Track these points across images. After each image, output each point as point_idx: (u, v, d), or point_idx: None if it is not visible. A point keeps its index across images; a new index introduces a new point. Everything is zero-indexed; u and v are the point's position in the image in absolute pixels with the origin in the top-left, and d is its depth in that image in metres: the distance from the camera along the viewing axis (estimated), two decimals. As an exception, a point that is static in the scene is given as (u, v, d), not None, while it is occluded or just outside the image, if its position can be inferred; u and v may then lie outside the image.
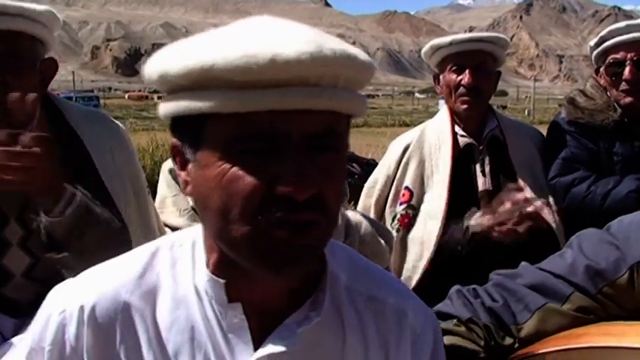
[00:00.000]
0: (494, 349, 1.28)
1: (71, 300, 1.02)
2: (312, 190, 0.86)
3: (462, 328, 1.29)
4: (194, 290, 1.01)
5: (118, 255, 1.10)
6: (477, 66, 2.57)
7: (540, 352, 1.23)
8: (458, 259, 2.50)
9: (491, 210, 2.46)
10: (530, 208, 2.40)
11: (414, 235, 2.65)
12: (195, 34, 0.92)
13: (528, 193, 2.55)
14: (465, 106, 2.60)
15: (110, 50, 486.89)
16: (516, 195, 2.44)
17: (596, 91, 2.73)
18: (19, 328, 1.83)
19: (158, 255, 1.06)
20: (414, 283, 2.60)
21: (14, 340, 1.73)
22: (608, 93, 2.71)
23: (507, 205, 2.42)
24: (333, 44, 0.87)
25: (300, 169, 0.85)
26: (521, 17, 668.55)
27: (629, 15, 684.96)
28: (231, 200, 0.87)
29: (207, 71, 0.83)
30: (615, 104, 2.68)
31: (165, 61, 0.89)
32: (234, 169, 0.87)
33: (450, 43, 2.59)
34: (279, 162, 0.86)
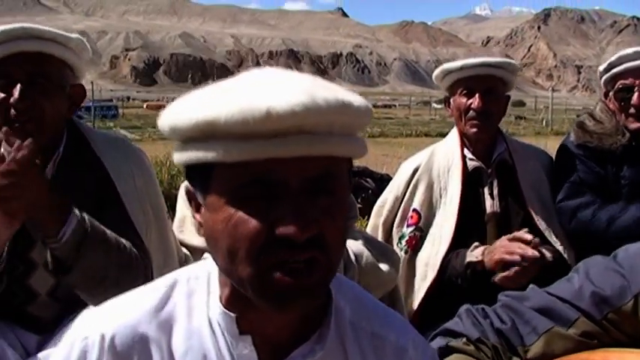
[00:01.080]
0: None
1: (93, 328, 1.09)
2: (312, 231, 0.92)
3: (471, 347, 1.33)
4: (208, 322, 1.07)
5: (139, 280, 1.14)
6: (487, 90, 2.62)
7: None
8: (459, 290, 2.52)
9: (493, 251, 2.46)
10: (530, 253, 2.37)
11: (421, 256, 2.69)
12: (202, 91, 0.99)
13: (539, 223, 2.59)
14: (474, 130, 2.65)
15: (129, 60, 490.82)
16: (530, 251, 2.38)
17: (605, 115, 2.78)
18: (42, 345, 1.95)
19: (176, 287, 1.12)
20: (417, 303, 2.65)
21: (39, 356, 1.86)
22: (617, 117, 2.75)
23: (511, 250, 2.39)
24: (326, 93, 0.92)
25: (298, 212, 0.92)
26: (539, 27, 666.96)
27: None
28: (237, 242, 0.94)
29: (210, 125, 0.91)
30: (624, 129, 2.72)
31: (176, 115, 0.97)
32: (239, 213, 0.94)
33: (461, 68, 2.65)
34: (279, 206, 0.92)
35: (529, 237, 2.41)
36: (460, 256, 2.57)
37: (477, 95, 2.62)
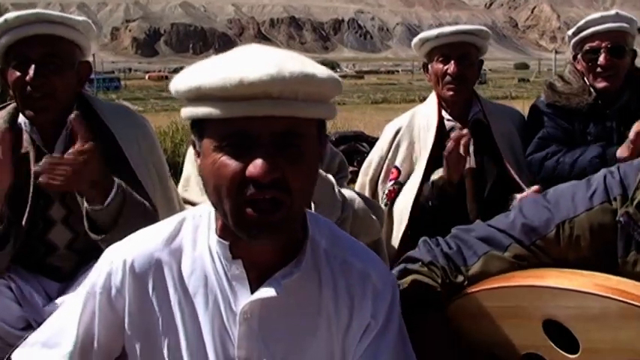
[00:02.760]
0: (449, 285, 1.56)
1: (117, 256, 1.38)
2: (275, 174, 1.16)
3: (425, 269, 1.58)
4: (208, 250, 1.36)
5: None
6: (461, 56, 2.87)
7: (480, 288, 1.52)
8: (430, 216, 2.77)
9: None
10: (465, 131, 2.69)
11: (397, 205, 2.95)
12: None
13: (514, 176, 2.86)
14: (450, 93, 2.90)
15: (129, 31, 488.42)
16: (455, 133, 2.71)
17: (573, 77, 3.02)
18: (63, 291, 2.24)
19: (184, 222, 1.41)
20: (396, 245, 2.90)
21: (58, 300, 2.16)
22: (584, 78, 2.97)
23: (448, 145, 2.70)
24: (294, 66, 1.16)
25: (265, 158, 1.15)
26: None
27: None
28: (220, 181, 1.19)
29: (198, 89, 1.17)
30: (590, 89, 2.94)
31: (177, 82, 1.23)
32: (222, 158, 1.19)
33: (437, 36, 2.89)
34: (251, 153, 1.17)
35: (463, 131, 2.72)
36: (427, 184, 2.83)
37: (452, 61, 2.86)
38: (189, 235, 1.38)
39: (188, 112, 1.23)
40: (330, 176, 2.33)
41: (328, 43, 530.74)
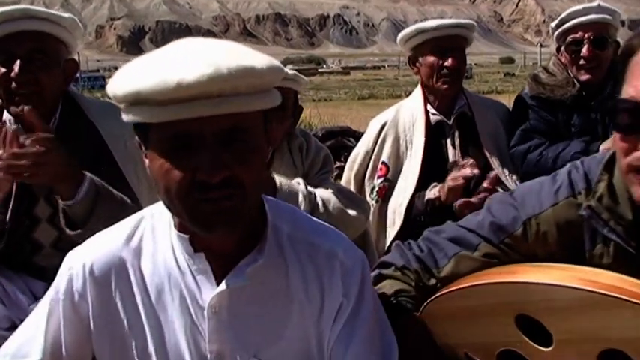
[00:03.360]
0: (422, 288, 1.57)
1: (77, 260, 1.37)
2: (223, 174, 1.15)
3: (398, 273, 1.60)
4: (170, 245, 1.34)
5: None
6: (457, 49, 2.86)
7: (451, 289, 1.52)
8: (422, 227, 2.74)
9: (444, 185, 2.73)
10: (469, 171, 2.65)
11: (390, 205, 2.94)
12: (141, 58, 1.22)
13: (497, 169, 2.83)
14: (445, 86, 2.88)
15: (114, 29, 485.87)
16: (466, 170, 2.67)
17: (557, 68, 3.03)
18: (48, 290, 2.18)
19: (142, 221, 1.40)
20: (387, 245, 2.90)
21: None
22: (568, 70, 2.99)
23: (453, 174, 2.69)
24: (231, 62, 1.12)
25: (212, 159, 1.14)
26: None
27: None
28: (168, 185, 1.18)
29: (136, 94, 1.13)
30: (574, 80, 2.96)
31: (114, 86, 1.20)
32: (167, 163, 1.17)
33: (436, 28, 2.84)
34: (197, 155, 1.15)
35: (468, 160, 2.70)
36: (421, 197, 2.82)
37: (450, 55, 2.83)
38: (148, 233, 1.37)
39: (130, 117, 1.19)
40: (298, 182, 2.33)
41: (314, 39, 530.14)
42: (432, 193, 2.79)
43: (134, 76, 1.15)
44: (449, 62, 2.83)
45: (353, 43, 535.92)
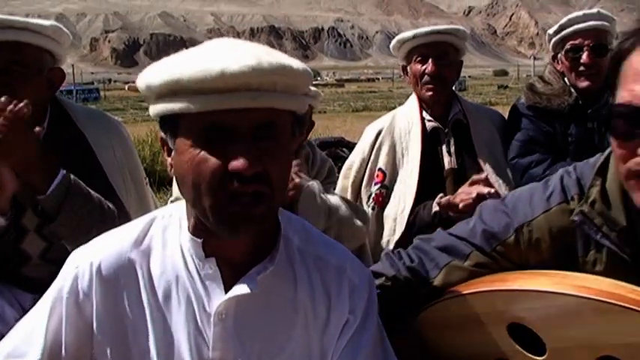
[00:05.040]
0: (413, 298, 1.56)
1: (83, 259, 1.33)
2: (257, 167, 1.15)
3: (389, 283, 1.57)
4: (179, 249, 1.32)
5: None
6: (439, 56, 2.84)
7: (442, 299, 1.51)
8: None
9: (454, 197, 2.63)
10: (485, 190, 2.55)
11: (388, 212, 2.91)
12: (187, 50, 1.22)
13: (491, 177, 2.78)
14: (429, 93, 2.88)
15: (109, 42, 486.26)
16: (482, 188, 2.55)
17: (553, 77, 3.02)
18: (36, 302, 2.09)
19: (154, 223, 1.37)
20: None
21: None
22: (564, 79, 2.97)
23: (470, 193, 2.57)
24: (271, 58, 1.15)
25: (247, 151, 1.14)
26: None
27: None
28: (199, 177, 1.17)
29: (176, 82, 1.14)
30: (571, 89, 2.94)
31: (149, 76, 1.19)
32: (201, 153, 1.16)
33: (414, 36, 2.87)
34: (232, 147, 1.14)
35: (482, 176, 2.60)
36: (427, 208, 2.77)
37: (430, 61, 2.83)
38: (158, 235, 1.35)
39: (161, 108, 1.19)
40: (314, 184, 2.32)
41: (308, 52, 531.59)
42: (437, 206, 2.73)
43: (173, 66, 1.16)
44: (429, 68, 2.84)
45: (347, 56, 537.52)
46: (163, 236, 1.34)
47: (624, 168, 1.28)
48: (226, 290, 1.28)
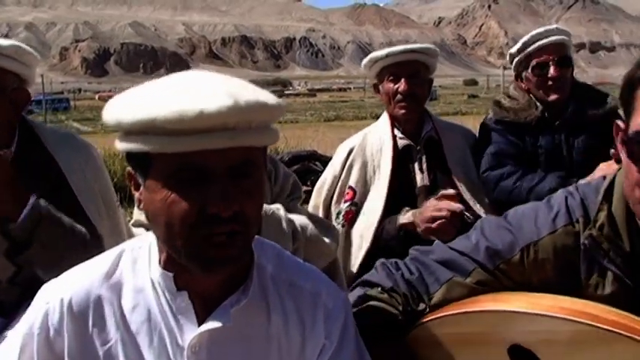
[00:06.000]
0: (409, 313, 1.52)
1: (53, 294, 1.31)
2: (235, 208, 1.14)
3: (385, 295, 1.54)
4: (150, 282, 1.30)
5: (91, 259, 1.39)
6: (412, 74, 2.86)
7: (441, 315, 1.48)
8: (392, 252, 2.67)
9: (422, 211, 2.69)
10: (455, 206, 2.59)
11: (356, 228, 2.91)
12: (138, 88, 1.20)
13: (465, 195, 2.81)
14: (402, 111, 2.89)
15: (79, 51, 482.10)
16: (454, 205, 2.62)
17: (518, 93, 3.07)
18: (6, 326, 2.08)
19: (123, 256, 1.35)
20: (355, 270, 2.86)
21: (5, 334, 1.99)
22: (530, 94, 3.02)
23: (438, 209, 2.61)
24: (248, 95, 1.13)
25: (224, 193, 1.13)
26: (489, 6, 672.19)
27: (595, 1, 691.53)
28: (172, 219, 1.15)
29: (150, 122, 1.10)
30: (536, 102, 3.00)
31: (120, 112, 1.16)
32: (174, 195, 1.14)
33: (387, 55, 2.88)
34: (208, 188, 1.13)
35: (452, 191, 2.65)
36: (393, 221, 2.79)
37: (402, 80, 2.85)
38: (128, 269, 1.33)
39: (132, 146, 1.16)
40: (279, 208, 2.30)
41: (280, 62, 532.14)
42: (406, 217, 2.76)
43: (147, 104, 1.13)
44: (401, 87, 2.84)
45: (319, 66, 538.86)
46: (134, 270, 1.32)
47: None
48: (199, 323, 1.27)
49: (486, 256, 1.50)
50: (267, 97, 1.17)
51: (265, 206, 2.22)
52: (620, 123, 1.37)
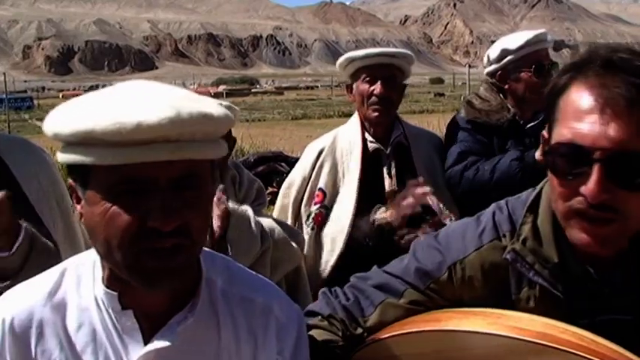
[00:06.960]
0: (349, 338, 1.53)
1: None
2: (176, 221, 1.09)
3: (325, 323, 1.54)
4: (94, 301, 1.24)
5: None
6: (388, 78, 2.85)
7: (379, 338, 1.49)
8: (366, 252, 2.70)
9: (395, 205, 2.70)
10: (430, 201, 2.61)
11: (327, 232, 2.90)
12: (83, 97, 1.16)
13: (428, 187, 2.77)
14: (376, 114, 2.88)
15: (42, 49, 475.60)
16: (416, 190, 2.64)
17: (489, 94, 3.05)
18: None
19: (66, 274, 1.29)
20: (325, 275, 2.85)
21: None
22: (500, 95, 2.99)
23: (409, 199, 2.64)
24: (191, 107, 1.09)
25: (165, 206, 1.08)
26: (455, 5, 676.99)
27: (559, 0, 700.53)
28: (111, 233, 1.10)
29: (88, 134, 1.06)
30: (508, 105, 2.97)
31: (58, 123, 1.12)
32: (113, 208, 1.10)
33: (365, 56, 2.88)
34: (148, 201, 1.09)
35: (419, 179, 2.69)
36: (365, 219, 2.78)
37: (378, 82, 2.84)
38: (72, 287, 1.27)
39: (70, 158, 1.12)
40: (247, 209, 2.30)
41: (247, 60, 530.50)
42: (380, 215, 2.75)
43: (85, 114, 1.09)
44: (377, 89, 2.84)
45: (286, 64, 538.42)
46: (77, 288, 1.27)
47: (564, 206, 1.27)
48: (146, 342, 1.22)
49: (417, 277, 1.50)
50: (213, 108, 1.13)
51: (234, 207, 2.24)
52: (545, 133, 1.35)
